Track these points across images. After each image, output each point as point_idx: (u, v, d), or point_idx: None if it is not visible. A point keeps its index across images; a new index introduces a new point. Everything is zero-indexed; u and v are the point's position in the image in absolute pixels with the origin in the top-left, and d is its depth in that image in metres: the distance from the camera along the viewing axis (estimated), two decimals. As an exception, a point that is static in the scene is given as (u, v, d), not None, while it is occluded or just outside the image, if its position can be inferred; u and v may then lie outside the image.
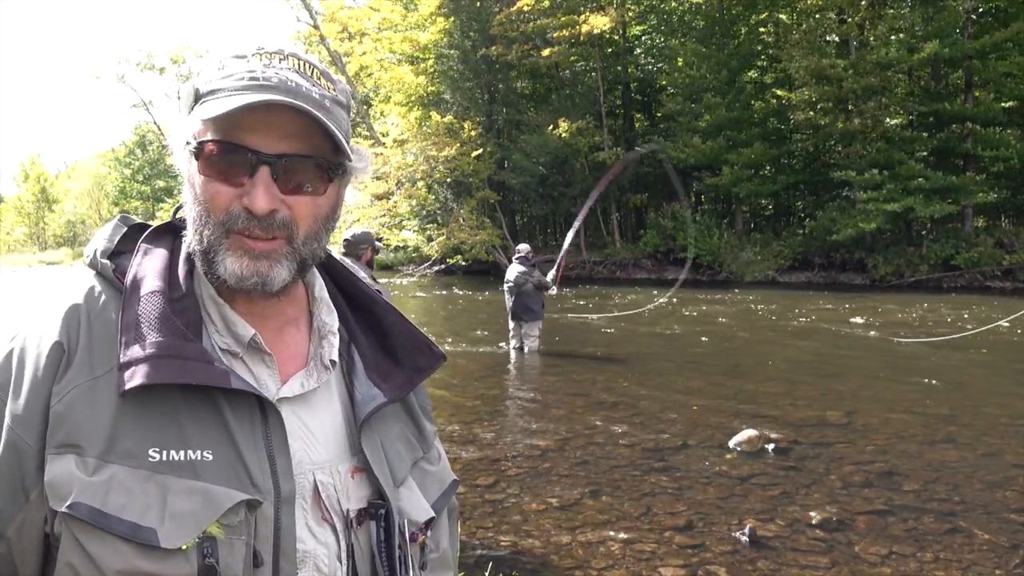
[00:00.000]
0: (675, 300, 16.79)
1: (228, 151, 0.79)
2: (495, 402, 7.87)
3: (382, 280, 5.13)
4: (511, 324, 10.64)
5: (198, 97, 0.82)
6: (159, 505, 0.74)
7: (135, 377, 0.76)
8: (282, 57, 0.83)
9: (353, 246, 5.01)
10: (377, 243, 5.19)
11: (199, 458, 0.77)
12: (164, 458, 0.76)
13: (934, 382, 8.29)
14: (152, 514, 0.73)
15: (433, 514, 0.93)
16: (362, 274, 4.82)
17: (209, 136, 0.80)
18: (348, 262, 0.94)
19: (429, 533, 0.93)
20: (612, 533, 4.25)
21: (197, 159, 0.80)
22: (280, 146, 0.80)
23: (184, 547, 0.73)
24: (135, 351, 0.77)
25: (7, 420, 0.76)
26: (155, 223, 0.92)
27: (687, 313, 15.80)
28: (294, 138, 0.81)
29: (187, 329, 0.81)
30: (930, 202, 21.86)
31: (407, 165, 31.14)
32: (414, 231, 34.43)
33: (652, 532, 4.27)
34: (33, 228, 78.06)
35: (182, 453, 0.77)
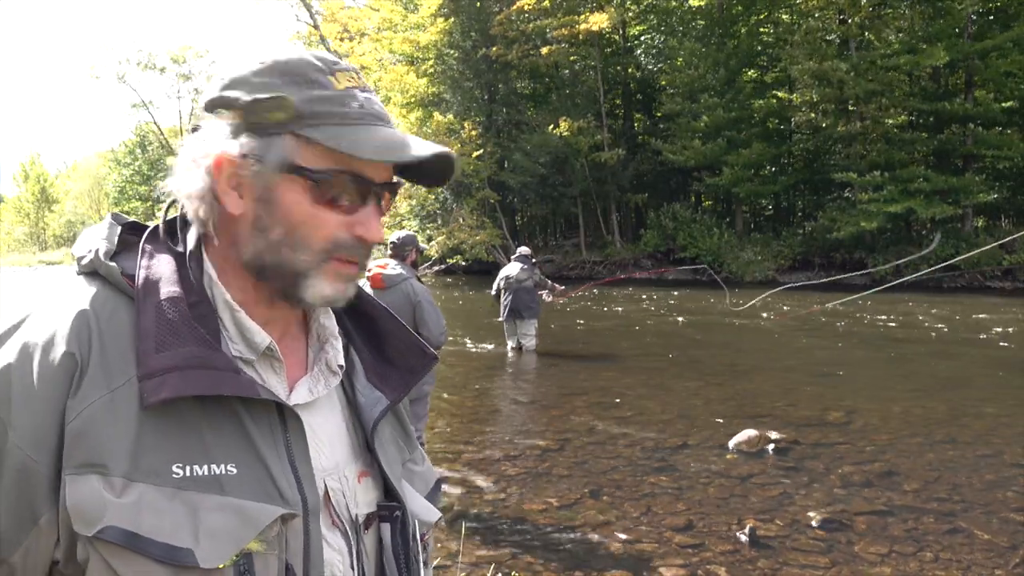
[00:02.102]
0: (674, 300, 16.76)
1: (354, 183, 0.80)
2: (495, 402, 7.87)
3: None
4: (506, 324, 10.65)
5: (298, 115, 0.77)
6: (191, 524, 0.71)
7: (162, 389, 0.71)
8: (357, 74, 0.84)
9: (399, 248, 5.09)
10: (422, 245, 5.30)
11: (223, 472, 0.74)
12: (188, 474, 0.72)
13: (932, 381, 8.29)
14: (185, 533, 0.70)
15: (439, 514, 0.94)
16: (395, 270, 4.81)
17: (329, 165, 0.78)
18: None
19: (428, 533, 0.94)
20: (612, 533, 4.25)
21: (316, 187, 0.78)
22: (384, 175, 0.82)
23: (222, 566, 0.71)
24: (159, 361, 0.73)
25: (11, 439, 0.70)
26: (153, 223, 0.88)
27: (687, 313, 15.80)
28: (390, 167, 0.83)
29: (209, 337, 0.78)
30: (931, 203, 21.87)
31: (407, 165, 31.11)
32: (414, 231, 34.45)
33: (652, 532, 4.27)
34: (33, 228, 78.12)
35: (206, 468, 0.73)
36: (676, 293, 20.59)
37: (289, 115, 0.77)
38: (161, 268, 0.81)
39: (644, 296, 19.75)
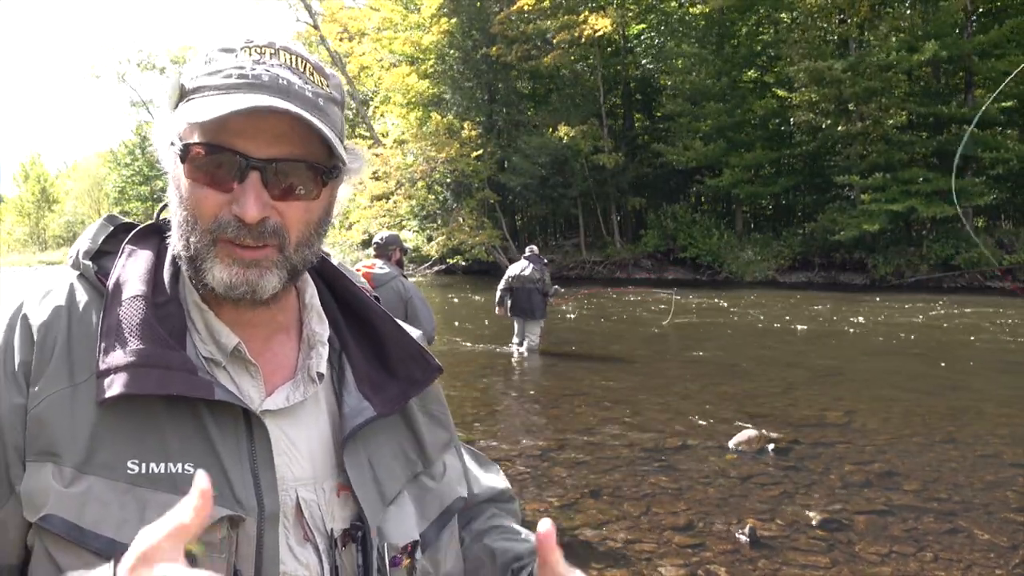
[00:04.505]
0: (674, 300, 16.77)
1: (216, 155, 0.74)
2: (495, 402, 7.87)
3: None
4: (516, 322, 10.58)
5: (183, 94, 0.77)
6: (136, 520, 0.70)
7: (114, 386, 0.73)
8: (273, 51, 0.78)
9: (383, 248, 5.17)
10: (405, 245, 5.35)
11: (180, 471, 0.73)
12: (143, 471, 0.73)
13: (932, 381, 8.30)
14: (129, 529, 0.69)
15: (416, 537, 0.86)
16: (383, 269, 4.86)
17: (196, 138, 0.75)
18: (347, 267, 0.93)
19: (418, 555, 0.86)
20: (612, 533, 4.25)
21: (183, 162, 0.76)
22: (271, 150, 0.75)
23: None
24: (115, 359, 0.74)
25: None
26: (142, 223, 0.88)
27: (686, 313, 15.80)
28: (285, 140, 0.76)
29: (170, 336, 0.77)
30: (931, 203, 21.88)
31: (407, 165, 31.17)
32: (414, 231, 34.47)
33: (652, 532, 4.27)
34: (33, 228, 78.14)
35: (162, 466, 0.73)
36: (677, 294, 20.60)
37: (177, 95, 0.77)
38: (135, 267, 0.82)
39: (643, 297, 19.75)
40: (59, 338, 0.77)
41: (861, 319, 14.31)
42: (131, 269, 0.81)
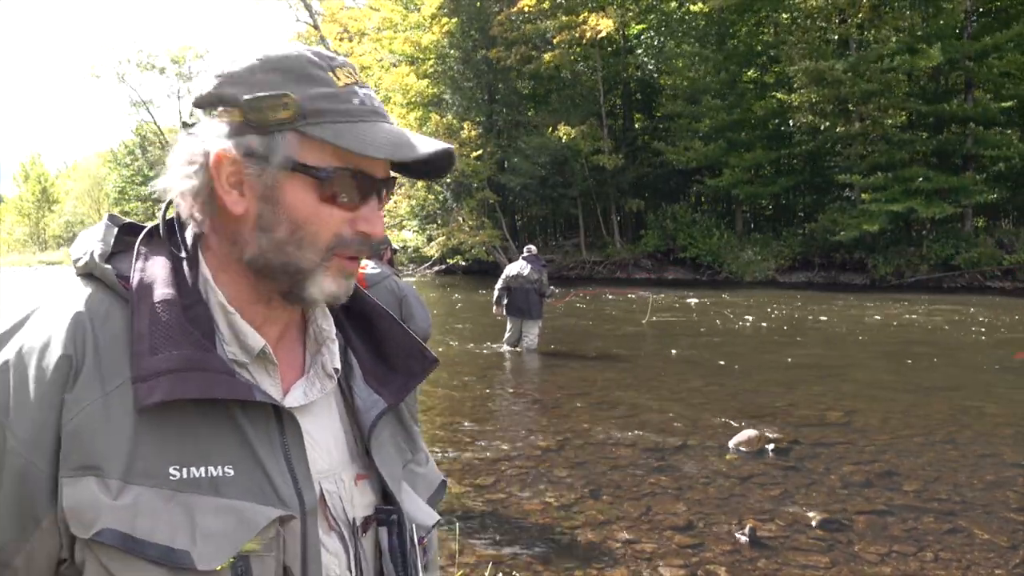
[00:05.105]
0: (674, 300, 16.78)
1: (355, 179, 0.80)
2: (495, 402, 7.87)
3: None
4: (511, 321, 10.61)
5: (302, 114, 0.77)
6: (188, 526, 0.71)
7: (156, 392, 0.72)
8: (354, 70, 0.83)
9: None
10: (394, 245, 5.40)
11: (220, 474, 0.74)
12: (185, 476, 0.73)
13: (932, 381, 8.30)
14: (183, 536, 0.70)
15: (438, 517, 0.93)
16: (376, 269, 4.87)
17: (334, 163, 0.78)
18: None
19: (428, 536, 0.93)
20: (612, 533, 4.25)
21: (321, 185, 0.78)
22: (384, 171, 0.83)
23: (219, 567, 0.71)
24: (153, 364, 0.73)
25: (10, 442, 0.70)
26: (149, 224, 0.87)
27: (687, 313, 15.80)
28: (387, 163, 0.83)
29: (203, 339, 0.77)
30: (931, 203, 21.87)
31: (407, 165, 31.11)
32: (414, 231, 34.47)
33: (652, 532, 4.27)
34: (33, 228, 78.19)
35: (203, 470, 0.73)
36: (677, 293, 20.59)
37: (292, 113, 0.77)
38: (156, 270, 0.80)
39: (637, 297, 19.76)
40: (88, 348, 0.74)
41: (861, 319, 14.31)
42: (152, 271, 0.80)
